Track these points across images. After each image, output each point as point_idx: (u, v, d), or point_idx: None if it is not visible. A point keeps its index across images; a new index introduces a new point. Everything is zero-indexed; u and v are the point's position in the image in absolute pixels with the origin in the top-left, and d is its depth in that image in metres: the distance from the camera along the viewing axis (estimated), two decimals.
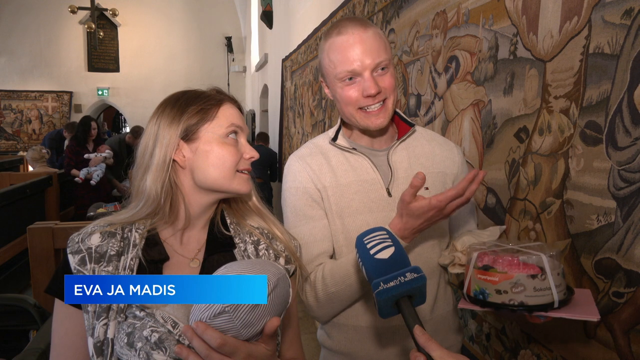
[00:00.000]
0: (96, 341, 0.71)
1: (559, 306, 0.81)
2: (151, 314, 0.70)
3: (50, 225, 2.40)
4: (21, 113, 10.01)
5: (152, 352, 0.67)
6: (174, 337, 0.68)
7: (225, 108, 0.82)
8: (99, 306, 0.71)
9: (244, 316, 0.64)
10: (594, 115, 1.02)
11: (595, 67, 1.01)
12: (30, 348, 1.24)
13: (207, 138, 0.79)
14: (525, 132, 1.25)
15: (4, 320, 1.73)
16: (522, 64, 1.26)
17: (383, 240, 0.73)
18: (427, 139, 1.11)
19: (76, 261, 0.74)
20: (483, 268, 0.85)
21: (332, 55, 1.00)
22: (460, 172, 1.10)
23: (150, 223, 0.79)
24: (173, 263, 0.80)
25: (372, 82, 0.97)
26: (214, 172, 0.79)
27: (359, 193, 1.04)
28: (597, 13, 1.00)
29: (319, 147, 1.11)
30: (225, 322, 0.64)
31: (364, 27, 0.98)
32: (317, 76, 3.92)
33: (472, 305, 0.87)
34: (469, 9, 1.52)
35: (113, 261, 0.75)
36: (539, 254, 0.83)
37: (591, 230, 1.02)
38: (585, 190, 1.04)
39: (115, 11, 9.37)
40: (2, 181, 4.72)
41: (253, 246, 0.84)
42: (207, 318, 0.64)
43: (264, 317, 0.66)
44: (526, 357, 1.26)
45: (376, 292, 0.66)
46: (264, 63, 7.42)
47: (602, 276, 1.00)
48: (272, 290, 0.66)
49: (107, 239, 0.76)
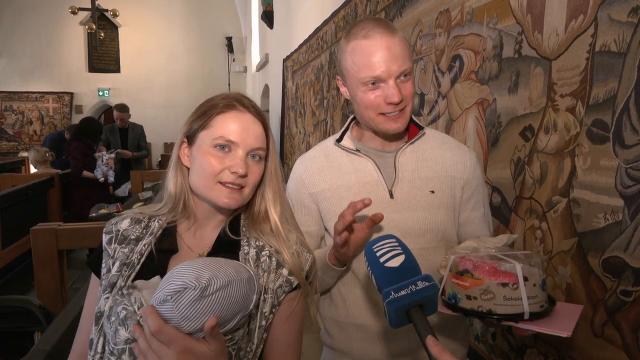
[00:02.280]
0: (97, 311, 0.78)
1: (531, 318, 0.79)
2: (129, 294, 0.76)
3: (53, 226, 2.40)
4: (22, 114, 10.01)
5: (119, 327, 0.73)
6: (136, 317, 0.73)
7: (224, 118, 0.82)
8: (108, 281, 0.79)
9: (184, 309, 0.65)
10: (600, 114, 1.01)
11: (601, 65, 1.01)
12: (36, 350, 1.24)
13: (199, 144, 0.83)
14: (531, 130, 1.24)
15: (9, 322, 1.73)
16: (527, 62, 1.25)
17: (393, 248, 0.72)
18: (438, 142, 1.10)
19: (106, 240, 0.84)
20: (459, 272, 0.84)
21: (356, 58, 0.99)
22: (472, 178, 1.08)
23: (172, 216, 0.86)
24: (181, 255, 0.84)
25: (396, 90, 0.96)
26: (196, 179, 0.82)
27: (360, 195, 1.03)
28: (603, 11, 1.00)
29: (324, 149, 1.11)
30: (168, 311, 0.66)
31: (391, 33, 0.97)
32: (319, 76, 3.92)
33: (446, 309, 0.86)
34: (472, 7, 1.52)
35: (131, 244, 0.82)
36: (513, 262, 0.80)
37: (598, 228, 1.02)
38: (592, 188, 1.03)
39: (116, 12, 9.37)
40: (4, 182, 4.72)
41: (255, 251, 0.84)
42: (156, 303, 0.67)
43: (205, 314, 0.66)
44: (533, 356, 1.26)
45: (387, 301, 0.65)
46: (264, 63, 7.42)
47: (609, 275, 1.00)
48: (218, 289, 0.66)
49: (134, 224, 0.85)
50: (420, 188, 1.04)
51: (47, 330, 1.42)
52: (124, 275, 0.79)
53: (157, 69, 10.46)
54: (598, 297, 1.03)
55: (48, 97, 10.12)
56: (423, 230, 1.03)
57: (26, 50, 9.91)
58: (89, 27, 9.19)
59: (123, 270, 0.79)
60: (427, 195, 1.04)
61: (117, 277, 0.78)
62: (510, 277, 0.80)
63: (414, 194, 1.03)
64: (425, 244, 1.03)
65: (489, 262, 0.82)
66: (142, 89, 10.34)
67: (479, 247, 0.94)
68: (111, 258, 0.81)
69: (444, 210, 1.04)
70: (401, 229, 1.02)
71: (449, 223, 1.05)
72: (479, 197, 1.11)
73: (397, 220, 1.02)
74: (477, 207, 1.11)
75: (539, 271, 0.83)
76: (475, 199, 1.10)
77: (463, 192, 1.08)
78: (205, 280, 0.65)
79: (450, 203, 1.06)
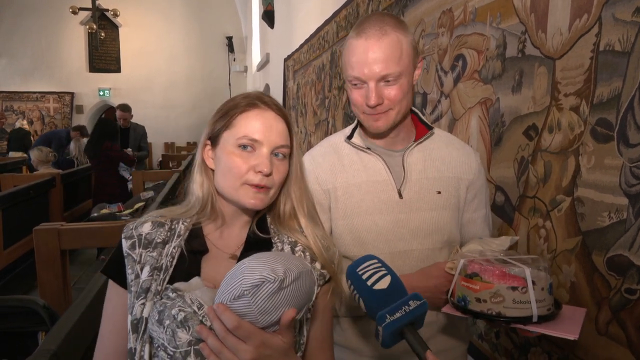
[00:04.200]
0: (133, 319, 0.76)
1: (539, 321, 0.80)
2: (181, 296, 0.74)
3: (56, 226, 2.40)
4: (23, 114, 10.02)
5: (177, 329, 0.71)
6: (197, 317, 0.72)
7: (247, 117, 0.81)
8: (140, 287, 0.77)
9: (262, 302, 0.65)
10: (605, 113, 1.02)
11: (606, 65, 1.01)
12: (42, 349, 1.24)
13: (223, 145, 0.82)
14: (535, 129, 1.25)
15: (12, 322, 1.73)
16: (530, 61, 1.26)
17: (378, 270, 0.72)
18: (445, 143, 1.10)
19: (127, 245, 0.80)
20: (468, 275, 0.86)
21: (346, 56, 0.99)
22: (476, 179, 1.08)
23: (197, 218, 0.84)
24: (212, 256, 0.83)
25: (374, 94, 0.95)
26: (221, 180, 0.82)
27: (370, 193, 1.03)
28: (607, 10, 1.00)
29: (333, 145, 1.11)
30: (244, 306, 0.65)
31: (381, 34, 0.94)
32: (320, 75, 3.92)
33: (455, 311, 0.88)
34: (475, 7, 1.52)
35: (158, 248, 0.80)
36: (522, 267, 0.82)
37: (603, 227, 1.02)
38: (597, 187, 1.04)
39: (117, 12, 9.38)
40: (6, 183, 4.72)
41: (290, 246, 0.84)
42: (227, 300, 0.66)
43: (281, 307, 0.66)
44: (537, 354, 1.26)
45: (383, 325, 0.66)
46: (265, 63, 7.42)
47: (614, 273, 1.00)
48: (293, 281, 0.66)
49: (157, 228, 0.82)
50: (427, 189, 1.04)
51: (52, 330, 1.42)
52: (158, 279, 0.77)
53: (157, 68, 10.47)
54: (602, 296, 1.03)
55: (49, 97, 10.13)
56: (430, 230, 1.03)
57: (27, 50, 9.92)
58: (89, 27, 9.20)
59: (155, 274, 0.77)
60: (434, 195, 1.04)
61: (150, 282, 0.77)
62: (519, 281, 0.81)
63: (422, 194, 1.03)
64: (432, 245, 1.04)
65: (498, 266, 0.84)
66: (142, 89, 10.35)
67: (485, 250, 0.95)
68: (138, 263, 0.79)
69: (449, 211, 1.05)
70: (409, 230, 1.02)
71: (453, 224, 1.06)
72: (482, 198, 1.11)
73: (405, 220, 1.02)
74: (479, 207, 1.11)
75: (546, 275, 0.84)
76: (479, 199, 1.10)
77: (467, 192, 1.08)
78: (282, 273, 0.65)
79: (455, 204, 1.06)
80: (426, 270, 0.99)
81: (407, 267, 1.03)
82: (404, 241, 1.03)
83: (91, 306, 1.38)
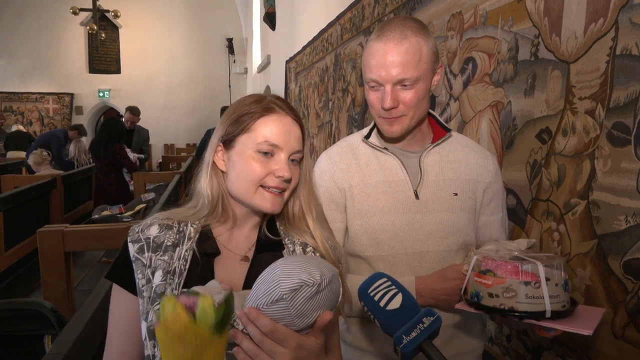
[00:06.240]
0: (149, 325, 0.74)
1: (553, 317, 0.80)
2: None
3: (60, 228, 2.39)
4: (22, 115, 9.99)
5: None
6: None
7: (265, 121, 0.80)
8: (153, 292, 0.75)
9: (300, 306, 0.65)
10: (621, 117, 1.02)
11: (622, 69, 1.01)
12: (52, 353, 1.23)
13: (238, 149, 0.81)
14: (548, 133, 1.25)
15: (19, 325, 1.72)
16: (544, 65, 1.26)
17: (388, 289, 0.73)
18: (462, 145, 1.10)
19: (135, 249, 0.79)
20: (481, 272, 0.86)
21: (365, 58, 1.00)
22: (493, 182, 1.08)
23: (206, 220, 0.84)
24: (223, 258, 0.83)
25: (390, 97, 0.96)
26: (237, 184, 0.81)
27: (386, 193, 1.04)
28: (624, 15, 1.01)
29: (351, 145, 1.11)
30: (281, 310, 0.65)
31: (401, 38, 0.94)
32: (323, 78, 3.92)
33: (468, 307, 0.88)
34: (487, 10, 1.53)
35: (169, 251, 0.79)
36: (535, 262, 0.82)
37: (619, 230, 1.02)
38: (613, 191, 1.04)
39: (117, 12, 9.37)
40: (7, 184, 4.70)
41: (301, 248, 0.85)
42: (264, 304, 0.66)
43: (317, 310, 0.67)
44: (550, 358, 1.26)
45: (401, 346, 0.67)
46: (266, 64, 7.42)
47: (630, 276, 1.00)
48: (327, 284, 0.67)
49: (165, 230, 0.81)
50: (444, 190, 1.04)
51: (61, 333, 1.41)
52: (173, 283, 0.76)
53: (157, 69, 10.46)
54: (619, 299, 1.03)
55: (48, 97, 10.10)
56: (446, 232, 1.03)
57: (26, 50, 9.89)
58: (89, 28, 9.18)
59: (168, 278, 0.76)
60: (450, 197, 1.04)
61: (165, 286, 0.76)
62: (533, 276, 0.81)
63: (438, 195, 1.04)
64: (447, 247, 1.03)
65: (511, 262, 0.83)
66: (142, 90, 10.33)
67: (501, 250, 0.95)
68: (148, 267, 0.77)
69: (466, 214, 1.05)
70: (425, 231, 1.02)
71: (470, 226, 1.06)
72: (498, 201, 1.11)
73: (421, 221, 1.02)
74: (496, 211, 1.11)
75: (561, 272, 0.84)
76: (495, 202, 1.10)
77: (484, 195, 1.08)
78: (318, 277, 0.66)
79: (471, 206, 1.06)
80: (443, 272, 0.99)
81: (423, 268, 1.03)
82: (420, 242, 1.03)
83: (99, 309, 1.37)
